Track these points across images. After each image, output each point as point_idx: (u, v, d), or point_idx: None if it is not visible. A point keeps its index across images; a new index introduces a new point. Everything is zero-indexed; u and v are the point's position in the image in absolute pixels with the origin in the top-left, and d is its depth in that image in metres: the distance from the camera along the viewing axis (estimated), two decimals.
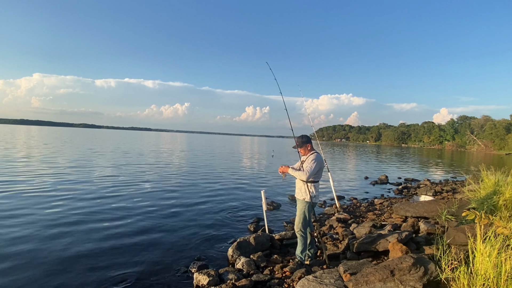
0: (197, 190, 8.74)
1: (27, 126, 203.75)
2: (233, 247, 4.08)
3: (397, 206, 5.91)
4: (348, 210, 7.02)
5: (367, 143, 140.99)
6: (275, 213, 6.62)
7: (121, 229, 5.06)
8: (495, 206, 4.07)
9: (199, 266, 3.74)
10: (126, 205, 6.62)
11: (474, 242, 2.52)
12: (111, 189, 8.25)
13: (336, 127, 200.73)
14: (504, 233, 2.48)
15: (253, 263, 3.75)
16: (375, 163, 23.43)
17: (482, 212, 2.58)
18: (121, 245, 4.41)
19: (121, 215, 5.88)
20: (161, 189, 8.59)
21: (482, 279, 2.29)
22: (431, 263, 2.71)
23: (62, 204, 6.37)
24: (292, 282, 3.29)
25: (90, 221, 5.38)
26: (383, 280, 2.58)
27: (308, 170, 3.57)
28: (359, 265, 3.15)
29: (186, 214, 6.19)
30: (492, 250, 2.33)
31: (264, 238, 4.37)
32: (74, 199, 6.89)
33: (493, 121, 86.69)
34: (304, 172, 3.59)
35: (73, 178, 9.44)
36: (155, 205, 6.76)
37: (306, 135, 3.89)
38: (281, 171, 3.82)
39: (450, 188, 10.04)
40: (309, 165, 3.61)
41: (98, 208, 6.27)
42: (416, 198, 8.71)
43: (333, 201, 7.54)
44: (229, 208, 6.92)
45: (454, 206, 4.71)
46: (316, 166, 3.61)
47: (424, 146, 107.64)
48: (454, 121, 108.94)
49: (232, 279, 3.31)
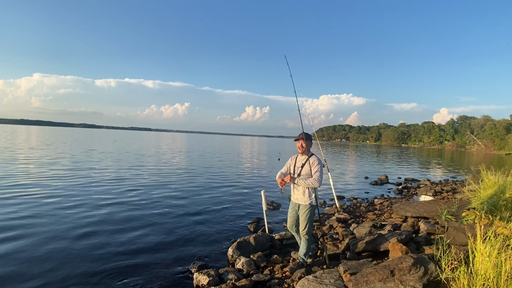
0: (197, 190, 8.73)
1: (27, 126, 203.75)
2: (233, 247, 4.08)
3: (397, 206, 5.92)
4: (348, 210, 7.02)
5: (367, 143, 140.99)
6: (275, 213, 6.62)
7: (121, 229, 5.06)
8: (495, 206, 4.07)
9: (199, 266, 3.74)
10: (126, 205, 6.61)
11: (474, 242, 2.53)
12: (110, 189, 8.25)
13: (336, 127, 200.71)
14: (504, 233, 2.48)
15: (253, 263, 3.75)
16: (375, 163, 23.43)
17: (482, 212, 2.58)
18: (121, 245, 4.41)
19: (121, 215, 5.88)
20: (160, 189, 8.58)
21: (482, 279, 2.29)
22: (431, 263, 2.71)
23: (61, 207, 6.37)
24: (292, 282, 3.29)
25: (89, 221, 5.37)
26: (383, 280, 2.58)
27: (319, 177, 3.52)
28: (359, 265, 3.15)
29: (186, 214, 6.19)
30: (492, 250, 2.33)
31: (264, 238, 4.37)
32: (74, 198, 6.90)
33: (493, 121, 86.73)
34: (316, 180, 3.50)
35: (72, 178, 9.44)
36: (155, 205, 6.76)
37: (307, 133, 3.82)
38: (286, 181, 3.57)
39: (450, 188, 10.04)
40: (317, 172, 3.55)
41: (98, 208, 6.27)
42: (416, 198, 8.71)
43: (333, 201, 7.54)
44: (229, 208, 6.92)
45: (454, 206, 4.71)
46: (322, 170, 3.60)
47: (424, 146, 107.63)
48: (454, 121, 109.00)
49: (232, 279, 3.31)
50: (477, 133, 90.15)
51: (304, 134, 3.73)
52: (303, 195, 3.63)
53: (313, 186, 3.56)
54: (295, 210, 3.77)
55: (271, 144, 64.84)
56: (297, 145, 3.77)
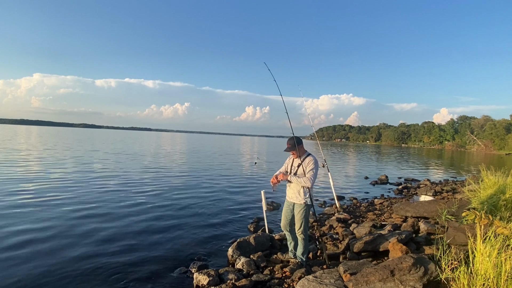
0: (197, 190, 8.74)
1: (27, 126, 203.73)
2: (233, 247, 4.08)
3: (397, 206, 5.92)
4: (348, 210, 7.02)
5: (367, 143, 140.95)
6: (275, 213, 6.62)
7: (121, 229, 5.06)
8: (495, 206, 4.07)
9: (199, 266, 3.74)
10: (125, 205, 6.61)
11: (474, 242, 2.53)
12: (109, 189, 8.25)
13: (336, 127, 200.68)
14: (504, 233, 2.48)
15: (253, 263, 3.75)
16: (375, 163, 23.43)
17: (482, 212, 2.58)
18: (121, 245, 4.41)
19: (121, 215, 5.88)
20: (160, 189, 8.58)
21: (482, 279, 2.29)
22: (431, 263, 2.71)
23: (59, 204, 6.37)
24: (292, 282, 3.29)
25: (88, 221, 5.38)
26: (383, 280, 2.58)
27: (312, 177, 3.51)
28: (359, 265, 3.15)
29: (186, 214, 6.19)
30: (492, 250, 2.33)
31: (264, 238, 4.37)
32: (73, 199, 6.90)
33: (493, 121, 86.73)
34: (308, 179, 3.50)
35: (72, 178, 9.44)
36: (155, 205, 6.76)
37: (296, 136, 3.74)
38: (279, 179, 3.62)
39: (450, 188, 10.03)
40: (311, 171, 3.54)
41: (97, 208, 6.27)
42: (416, 198, 8.71)
43: (333, 201, 7.54)
44: (229, 208, 6.92)
45: (454, 206, 4.71)
46: (316, 170, 3.58)
47: (424, 146, 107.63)
48: (454, 121, 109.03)
49: (232, 279, 3.31)
50: (477, 133, 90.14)
51: (291, 141, 3.68)
52: (298, 194, 3.64)
53: (305, 185, 3.56)
54: (289, 209, 3.78)
55: (271, 144, 64.81)
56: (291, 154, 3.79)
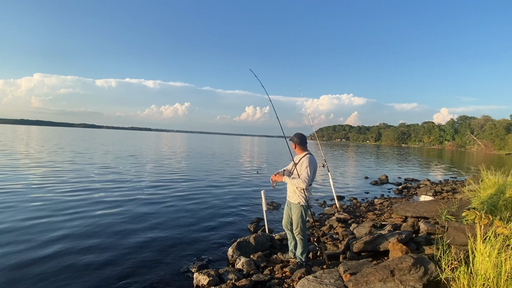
0: (197, 190, 8.73)
1: (27, 126, 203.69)
2: (233, 247, 4.08)
3: (397, 206, 5.92)
4: (348, 210, 7.02)
5: (367, 143, 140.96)
6: (275, 213, 6.62)
7: (121, 229, 5.06)
8: (495, 206, 4.07)
9: (199, 266, 3.74)
10: (124, 206, 6.61)
11: (474, 242, 2.53)
12: (109, 189, 8.25)
13: (336, 127, 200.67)
14: (504, 233, 2.48)
15: (253, 263, 3.75)
16: (375, 163, 23.42)
17: (482, 212, 2.58)
18: (121, 245, 4.41)
19: (121, 214, 5.88)
20: (160, 189, 8.58)
21: (482, 279, 2.29)
22: (431, 263, 2.71)
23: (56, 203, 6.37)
24: (292, 282, 3.29)
25: (88, 221, 5.38)
26: (383, 280, 2.58)
27: (305, 178, 3.44)
28: (359, 265, 3.15)
29: (186, 214, 6.19)
30: (492, 250, 2.33)
31: (264, 238, 4.37)
32: (72, 198, 6.90)
33: (493, 121, 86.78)
34: (302, 180, 3.44)
35: (71, 178, 9.45)
36: (155, 205, 6.76)
37: (303, 135, 3.75)
38: (274, 180, 3.72)
39: (450, 188, 10.03)
40: (305, 172, 3.47)
41: (97, 208, 6.27)
42: (416, 198, 8.71)
43: (333, 201, 7.54)
44: (229, 208, 6.92)
45: (454, 206, 4.71)
46: (311, 171, 3.50)
47: (424, 146, 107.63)
48: (454, 121, 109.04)
49: (232, 279, 3.31)
50: (477, 133, 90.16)
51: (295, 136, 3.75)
52: (293, 194, 3.67)
53: (299, 186, 3.52)
54: (289, 208, 3.81)
55: (271, 144, 64.79)
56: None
